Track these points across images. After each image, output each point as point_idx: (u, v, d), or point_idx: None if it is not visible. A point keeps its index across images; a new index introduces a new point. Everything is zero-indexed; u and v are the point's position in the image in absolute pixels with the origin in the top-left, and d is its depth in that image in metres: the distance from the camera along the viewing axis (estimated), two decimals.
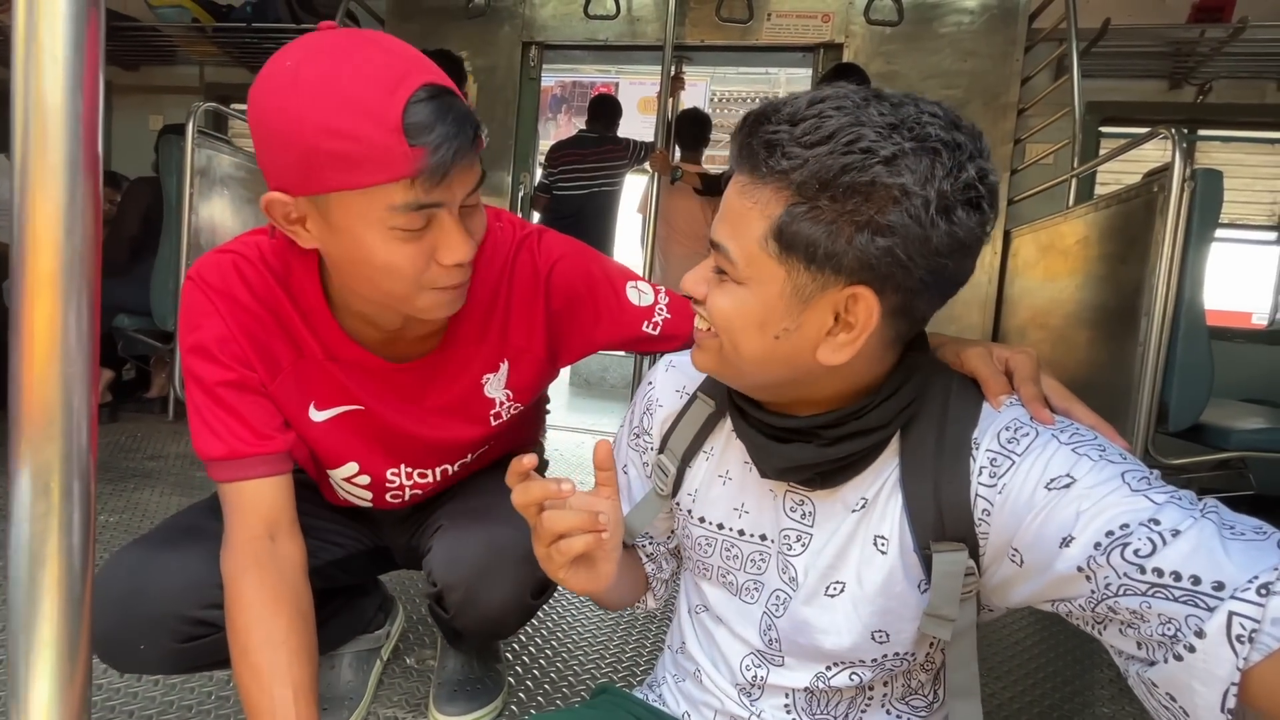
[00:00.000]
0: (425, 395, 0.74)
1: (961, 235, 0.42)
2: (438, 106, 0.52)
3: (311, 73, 0.52)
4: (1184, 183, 1.55)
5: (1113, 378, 1.71)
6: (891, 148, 0.41)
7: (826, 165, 0.41)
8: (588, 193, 3.07)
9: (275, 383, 0.68)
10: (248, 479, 0.65)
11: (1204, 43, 2.56)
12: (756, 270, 0.45)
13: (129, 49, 3.67)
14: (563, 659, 1.14)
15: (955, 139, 0.42)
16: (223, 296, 0.65)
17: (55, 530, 0.37)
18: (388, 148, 0.51)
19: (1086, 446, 0.44)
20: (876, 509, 0.51)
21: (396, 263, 0.56)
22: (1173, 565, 0.38)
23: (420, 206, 0.54)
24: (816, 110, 0.43)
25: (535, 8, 3.08)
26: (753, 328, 0.47)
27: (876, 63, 2.73)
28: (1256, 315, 3.65)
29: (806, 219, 0.42)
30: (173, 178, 2.20)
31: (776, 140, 0.43)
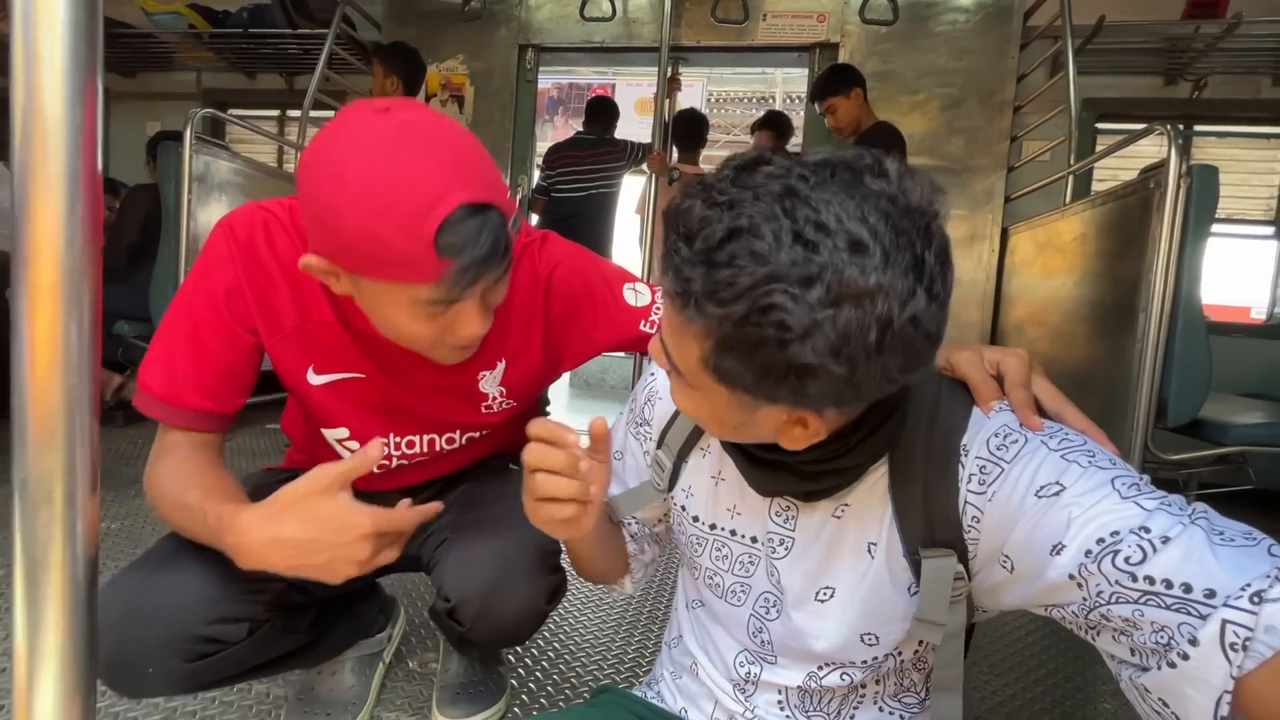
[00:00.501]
0: (424, 373, 0.76)
1: (893, 374, 0.40)
2: (471, 228, 0.56)
3: (359, 172, 0.54)
4: (1180, 179, 1.55)
5: (1111, 374, 1.72)
6: (806, 319, 0.37)
7: (741, 335, 0.39)
8: (586, 194, 3.07)
9: (274, 340, 0.71)
10: (185, 429, 0.69)
11: (1199, 38, 2.57)
12: (701, 382, 0.44)
13: (126, 56, 3.68)
14: (565, 661, 1.15)
15: (882, 284, 0.37)
16: (243, 250, 0.69)
17: (59, 539, 0.37)
18: (419, 259, 0.55)
19: (1076, 453, 0.45)
20: (864, 513, 0.52)
21: (415, 334, 0.63)
22: (1164, 573, 0.38)
23: (442, 302, 0.60)
24: (727, 253, 0.38)
25: (531, 10, 3.09)
26: (710, 421, 0.49)
27: (872, 62, 2.74)
28: (1255, 310, 3.66)
29: (731, 358, 0.41)
30: (171, 184, 2.20)
31: (689, 290, 0.39)
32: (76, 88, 0.35)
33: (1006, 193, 2.70)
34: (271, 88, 3.84)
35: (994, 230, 2.70)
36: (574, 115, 7.76)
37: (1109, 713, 1.11)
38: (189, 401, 0.68)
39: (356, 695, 0.95)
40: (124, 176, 3.29)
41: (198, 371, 0.68)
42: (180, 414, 0.68)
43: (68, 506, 0.37)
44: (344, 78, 3.37)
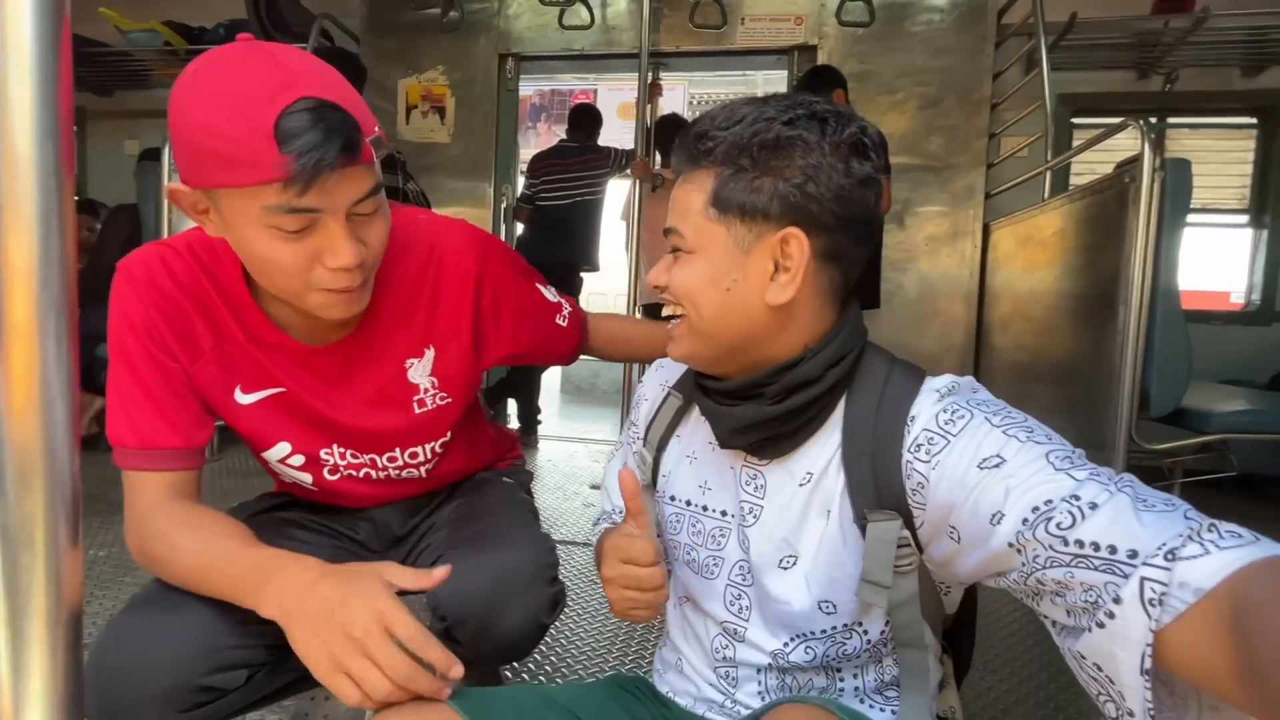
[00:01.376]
0: (346, 378, 0.75)
1: (858, 174, 0.52)
2: (312, 117, 0.54)
3: (206, 76, 0.56)
4: (1154, 172, 1.57)
5: (1095, 366, 1.74)
6: (789, 114, 0.52)
7: (741, 134, 0.53)
8: (571, 202, 3.07)
9: (196, 366, 0.71)
10: (153, 470, 0.67)
11: (1168, 33, 2.61)
12: (702, 236, 0.55)
13: (101, 74, 3.64)
14: (562, 674, 1.14)
15: (837, 109, 0.54)
16: (146, 285, 0.69)
17: (41, 582, 0.37)
18: (258, 151, 0.54)
19: (1015, 428, 0.48)
20: (824, 482, 0.55)
21: (278, 259, 0.59)
22: (1092, 536, 0.41)
23: (293, 210, 0.57)
24: (728, 108, 0.55)
25: (510, 20, 3.09)
26: (707, 286, 0.55)
27: (850, 63, 2.77)
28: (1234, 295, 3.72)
29: (733, 181, 0.53)
30: (150, 205, 2.18)
31: (702, 130, 0.55)
32: (47, 127, 0.34)
33: (987, 189, 2.73)
34: None
35: (976, 226, 2.73)
36: (557, 122, 7.76)
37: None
38: (162, 441, 0.67)
39: (354, 717, 0.94)
40: (104, 197, 3.25)
41: (155, 411, 0.68)
42: (159, 456, 0.67)
43: (50, 549, 0.37)
44: None
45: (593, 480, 2.45)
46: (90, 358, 2.49)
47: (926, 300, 2.79)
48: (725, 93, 7.99)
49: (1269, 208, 2.97)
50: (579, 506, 2.13)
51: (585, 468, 2.64)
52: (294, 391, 0.74)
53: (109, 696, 0.61)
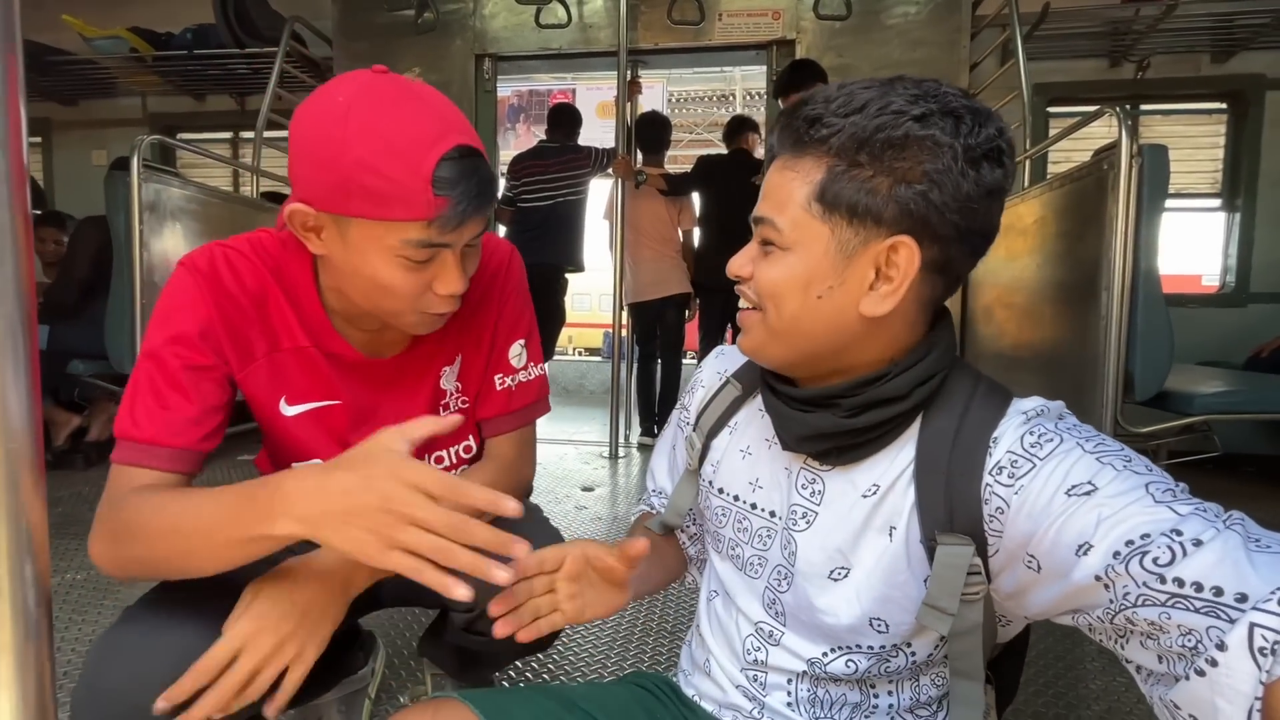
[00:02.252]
0: (394, 387, 0.77)
1: (988, 183, 0.47)
2: (466, 167, 0.60)
3: (362, 112, 0.58)
4: (1132, 159, 1.59)
5: (1079, 352, 1.76)
6: (921, 109, 0.46)
7: (862, 127, 0.46)
8: (553, 203, 3.05)
9: (246, 370, 0.70)
10: (148, 467, 0.63)
11: (1139, 20, 2.65)
12: (801, 233, 0.49)
13: (65, 83, 3.55)
14: (566, 674, 1.13)
15: (972, 106, 0.47)
16: (208, 280, 0.68)
17: (7, 618, 0.34)
18: (415, 192, 0.58)
19: (1111, 456, 0.44)
20: (890, 498, 0.52)
21: (396, 286, 0.63)
22: (1194, 575, 0.37)
23: (430, 245, 0.61)
24: (847, 91, 0.48)
25: (486, 20, 3.06)
26: (798, 290, 0.50)
27: (828, 57, 2.77)
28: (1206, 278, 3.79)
29: (846, 177, 0.47)
30: (120, 215, 2.12)
31: (815, 114, 0.48)
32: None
33: None
34: (222, 109, 3.74)
35: None
36: (536, 122, 7.72)
37: (1099, 690, 1.13)
38: (180, 440, 0.65)
39: None
40: (71, 208, 3.17)
41: (184, 409, 0.65)
42: (166, 455, 0.64)
43: (15, 581, 0.35)
44: (297, 96, 3.30)
45: (584, 483, 2.43)
46: (62, 375, 2.42)
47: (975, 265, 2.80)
48: (705, 89, 8.00)
49: (1241, 191, 3.03)
50: (571, 509, 2.11)
51: (576, 470, 2.63)
52: (346, 404, 0.75)
53: (97, 712, 0.59)
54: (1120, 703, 1.10)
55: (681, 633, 1.31)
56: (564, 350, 9.69)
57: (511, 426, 0.83)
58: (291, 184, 0.63)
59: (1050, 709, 1.08)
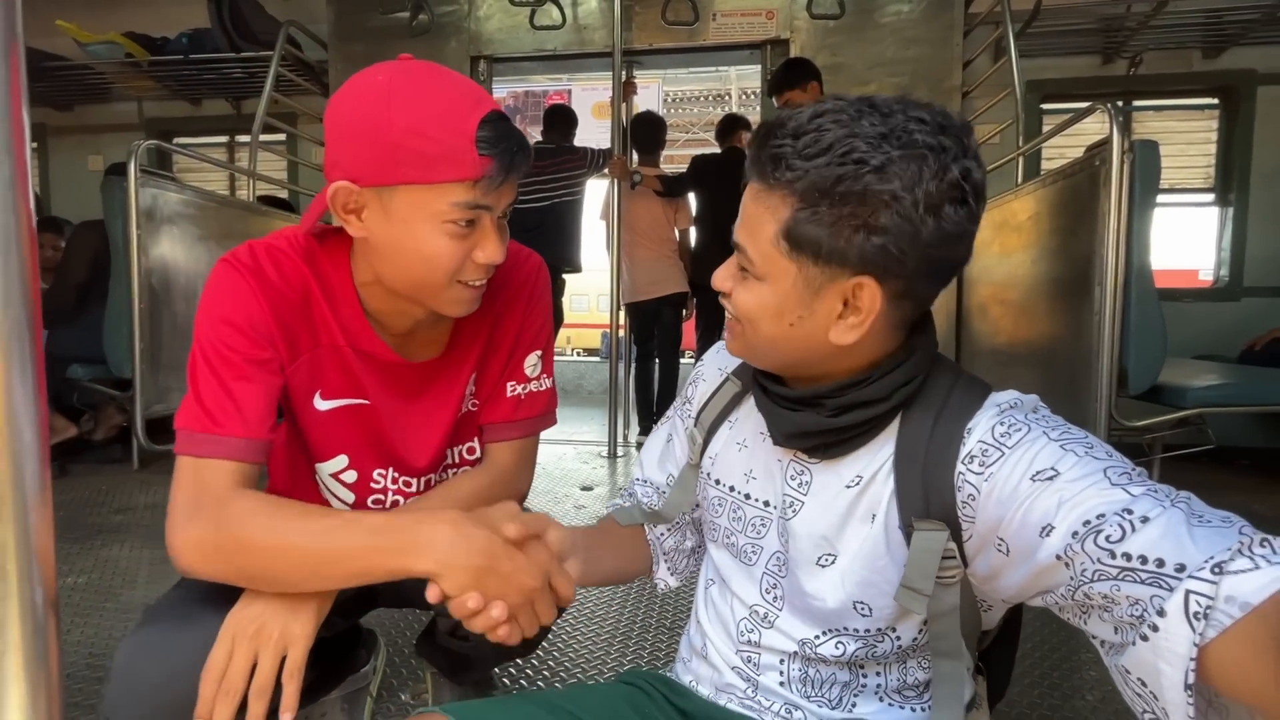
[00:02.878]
0: (423, 393, 0.78)
1: (949, 229, 0.47)
2: (504, 128, 0.64)
3: (403, 86, 0.62)
4: (1124, 154, 1.60)
5: (1073, 347, 1.77)
6: (880, 157, 0.46)
7: (824, 176, 0.47)
8: (550, 204, 3.05)
9: (292, 365, 0.71)
10: (245, 461, 0.64)
11: (1131, 17, 2.67)
12: (771, 266, 0.51)
13: (61, 89, 3.56)
14: (560, 680, 1.14)
15: (941, 143, 0.47)
16: (255, 274, 0.68)
17: (15, 615, 0.35)
18: (461, 151, 0.61)
19: (1074, 444, 0.47)
20: (872, 487, 0.55)
21: (441, 253, 0.65)
22: (1140, 549, 0.40)
23: (475, 206, 0.64)
24: (815, 125, 0.48)
25: (481, 21, 3.06)
26: (770, 317, 0.53)
27: (822, 55, 2.78)
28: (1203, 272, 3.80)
29: (810, 222, 0.48)
30: (118, 220, 2.13)
31: (781, 154, 0.49)
32: (1, 142, 0.33)
33: None
34: (218, 113, 3.74)
35: None
36: (532, 123, 7.71)
37: (1095, 680, 1.14)
38: (254, 431, 0.65)
39: None
40: (67, 213, 3.17)
41: (253, 401, 0.65)
42: (245, 447, 0.64)
43: (23, 579, 0.35)
44: (292, 99, 3.30)
45: (582, 482, 2.44)
46: (61, 380, 2.42)
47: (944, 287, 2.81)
48: (700, 89, 8.00)
49: (1233, 185, 3.05)
50: (570, 509, 2.12)
51: (575, 469, 2.64)
52: (375, 405, 0.75)
53: (133, 708, 0.60)
54: (1115, 692, 1.11)
55: (680, 629, 1.32)
56: (562, 351, 9.70)
57: (514, 435, 0.82)
58: (329, 171, 0.65)
59: (1045, 699, 1.09)
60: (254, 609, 0.61)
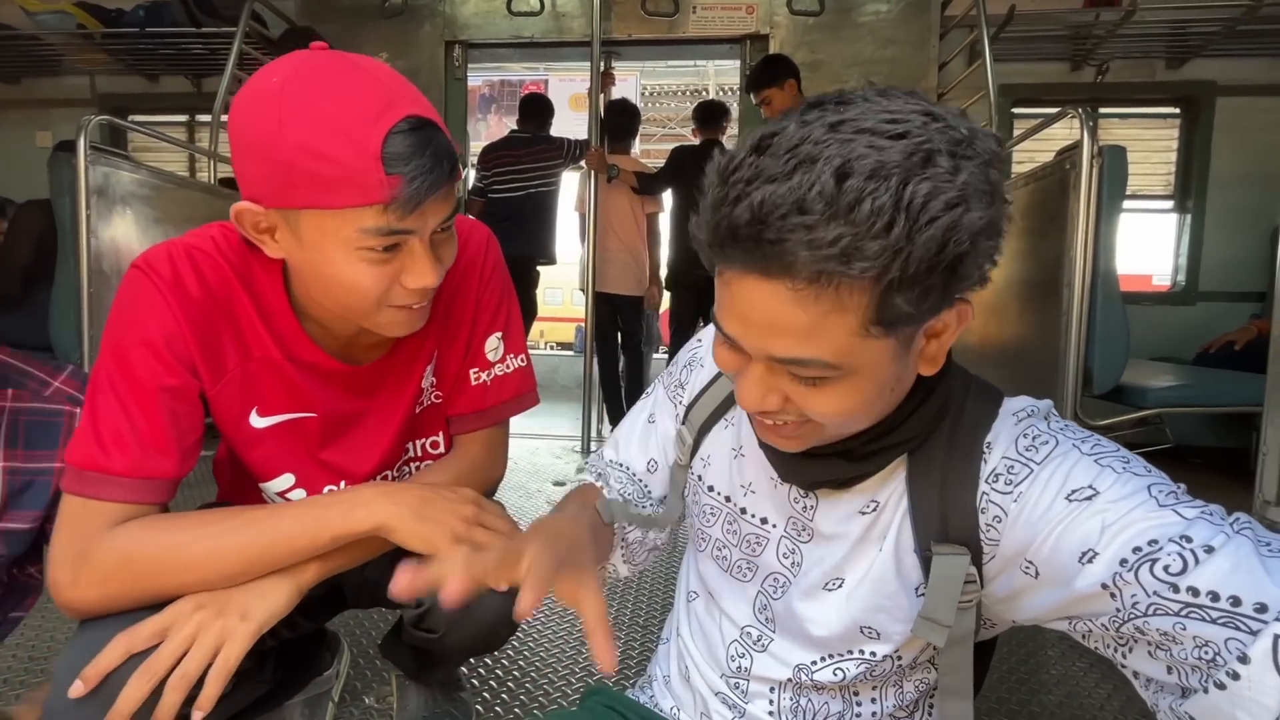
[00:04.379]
0: (374, 393, 0.73)
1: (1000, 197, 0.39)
2: (418, 139, 0.53)
3: (297, 91, 0.52)
4: (1093, 159, 1.64)
5: (1041, 347, 1.80)
6: (956, 188, 0.36)
7: (926, 246, 0.36)
8: (524, 194, 3.00)
9: (217, 387, 0.64)
10: (139, 503, 0.58)
11: (1100, 25, 2.73)
12: (858, 358, 0.40)
13: (7, 60, 3.36)
14: (532, 679, 1.11)
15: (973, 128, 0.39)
16: (172, 288, 0.60)
17: None
18: (364, 173, 0.52)
19: (1110, 458, 0.43)
20: (886, 510, 0.50)
21: (361, 282, 0.57)
22: (1209, 584, 0.36)
23: (391, 233, 0.55)
24: (847, 190, 0.35)
25: (456, 6, 2.99)
26: (873, 401, 0.44)
27: (801, 52, 2.79)
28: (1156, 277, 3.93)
29: (906, 294, 0.37)
30: (65, 199, 2.02)
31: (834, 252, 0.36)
32: None
33: None
34: (177, 91, 3.58)
35: None
36: (507, 113, 7.61)
37: (1057, 677, 1.16)
38: (158, 469, 0.58)
39: None
40: (13, 193, 3.00)
41: (160, 434, 0.59)
42: (144, 487, 0.58)
43: None
44: None
45: (555, 477, 2.41)
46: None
47: None
48: (678, 84, 7.99)
49: (1192, 193, 3.15)
50: (542, 505, 2.09)
51: (547, 464, 2.60)
52: (322, 418, 0.69)
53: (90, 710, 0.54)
54: (1079, 687, 1.13)
55: (653, 627, 1.30)
56: (535, 344, 9.60)
57: (483, 425, 0.79)
58: (238, 182, 0.57)
59: (1014, 694, 1.11)
60: (205, 599, 0.57)
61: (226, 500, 0.81)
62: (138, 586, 0.56)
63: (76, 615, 0.58)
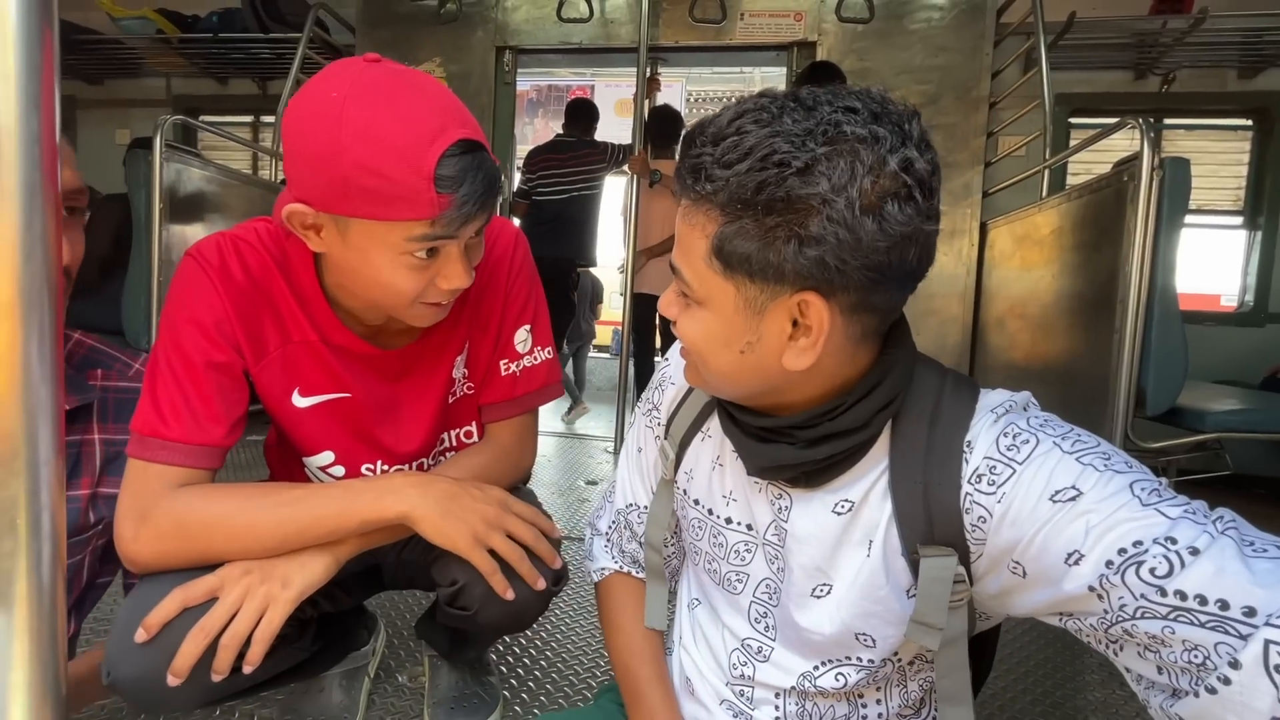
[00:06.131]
0: (405, 378, 0.77)
1: (894, 230, 0.41)
2: (468, 163, 0.58)
3: (357, 111, 0.56)
4: (1153, 171, 1.58)
5: (1091, 365, 1.74)
6: (805, 156, 0.41)
7: (744, 184, 0.42)
8: (568, 197, 3.05)
9: (260, 365, 0.70)
10: (193, 467, 0.64)
11: (1166, 34, 2.62)
12: (709, 289, 0.46)
13: (92, 62, 3.59)
14: (558, 669, 1.13)
15: (874, 133, 0.41)
16: (220, 274, 0.67)
17: (23, 569, 0.35)
18: (418, 191, 0.57)
19: (1091, 455, 0.43)
20: (865, 511, 0.50)
21: (400, 284, 0.62)
22: (1196, 588, 0.36)
23: (434, 239, 0.60)
24: (735, 127, 0.43)
25: (508, 12, 3.06)
26: (719, 347, 0.48)
27: (849, 60, 2.76)
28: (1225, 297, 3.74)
29: (738, 236, 0.43)
30: (141, 194, 2.15)
31: (700, 164, 0.44)
32: (31, 96, 0.33)
33: (984, 187, 2.74)
34: (244, 93, 3.77)
35: (973, 225, 2.74)
36: (553, 117, 7.72)
37: (1098, 701, 1.12)
38: (207, 437, 0.65)
39: (345, 710, 0.93)
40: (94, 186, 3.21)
41: (208, 406, 0.65)
42: (196, 452, 0.64)
43: (32, 534, 0.35)
44: None
45: (587, 476, 2.44)
46: None
47: (923, 298, 2.79)
48: (723, 90, 7.98)
49: (1263, 209, 2.99)
50: (574, 502, 2.12)
51: (581, 464, 2.64)
52: (357, 398, 0.74)
53: (138, 664, 0.60)
54: (1119, 716, 1.09)
55: None
56: None
57: (513, 413, 0.82)
58: (288, 180, 0.61)
59: (1029, 692, 1.07)
60: (253, 564, 0.62)
61: (277, 479, 0.87)
62: (188, 548, 0.62)
63: (137, 569, 0.64)
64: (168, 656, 0.59)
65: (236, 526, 0.62)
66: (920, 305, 2.80)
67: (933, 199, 0.43)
